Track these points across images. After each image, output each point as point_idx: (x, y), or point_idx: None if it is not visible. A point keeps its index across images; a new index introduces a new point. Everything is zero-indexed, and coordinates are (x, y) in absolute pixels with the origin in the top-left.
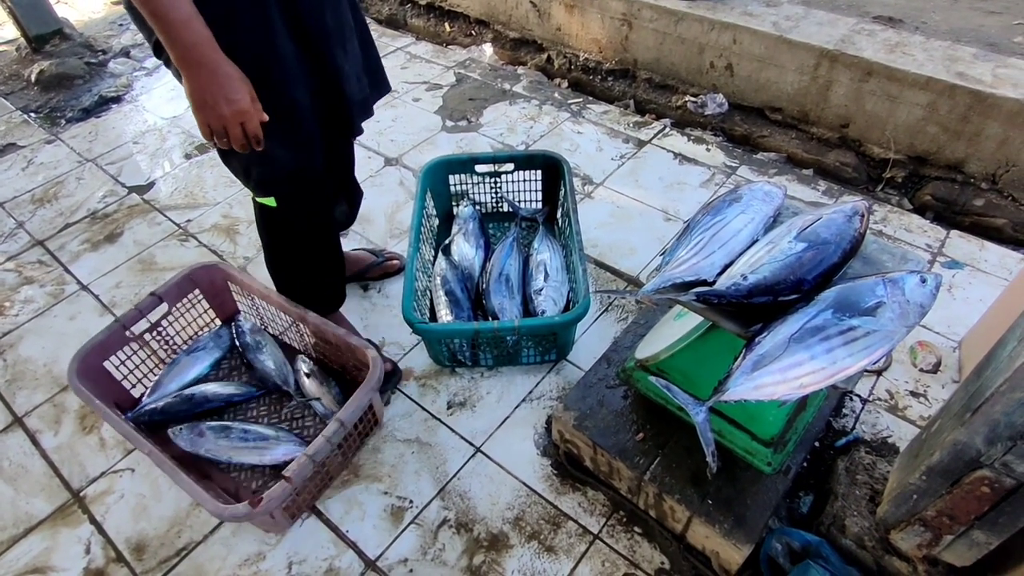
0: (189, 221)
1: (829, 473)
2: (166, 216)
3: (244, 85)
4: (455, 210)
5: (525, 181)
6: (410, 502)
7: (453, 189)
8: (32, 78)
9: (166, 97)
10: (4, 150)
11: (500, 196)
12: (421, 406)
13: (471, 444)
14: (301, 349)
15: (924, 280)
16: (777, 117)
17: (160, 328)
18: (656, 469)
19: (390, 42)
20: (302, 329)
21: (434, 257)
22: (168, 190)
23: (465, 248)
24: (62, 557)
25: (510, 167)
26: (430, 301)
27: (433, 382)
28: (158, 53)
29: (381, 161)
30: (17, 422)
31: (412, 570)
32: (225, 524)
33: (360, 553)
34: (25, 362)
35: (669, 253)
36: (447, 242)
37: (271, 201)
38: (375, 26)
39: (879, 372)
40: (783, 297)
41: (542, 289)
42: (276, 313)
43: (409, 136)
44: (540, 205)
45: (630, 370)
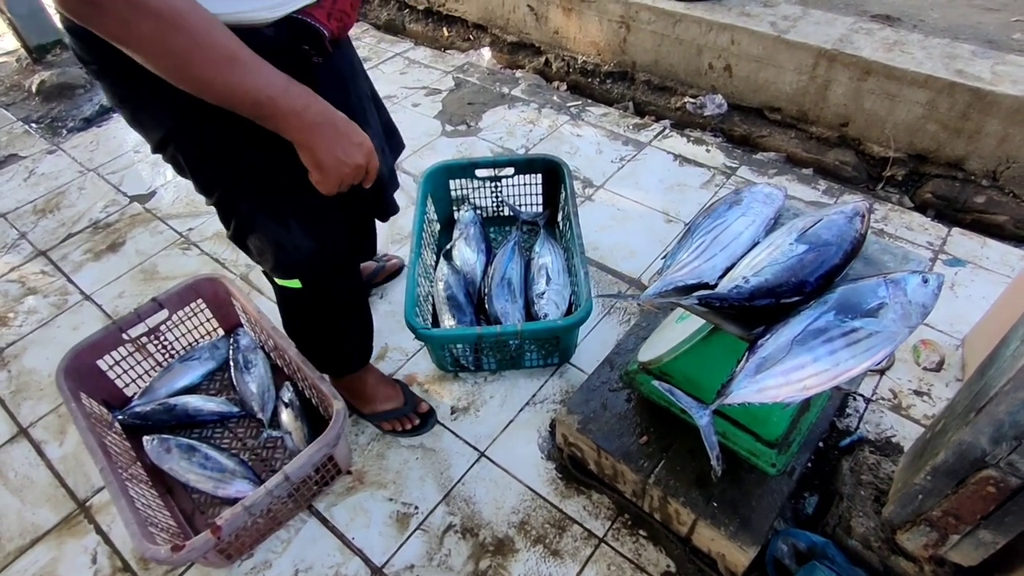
0: (191, 230)
1: (834, 474)
2: (168, 225)
3: (352, 122)
4: (456, 215)
5: (525, 185)
6: (415, 508)
7: (454, 194)
8: (33, 88)
9: None
10: (5, 161)
11: (501, 200)
12: None
13: (475, 449)
14: (289, 375)
15: (926, 280)
16: (776, 117)
17: (159, 333)
18: (660, 472)
19: (389, 47)
20: (287, 358)
21: (436, 262)
22: (169, 199)
23: (467, 253)
24: (68, 567)
25: (510, 171)
26: (432, 306)
27: (436, 387)
28: (163, 148)
29: None
30: (22, 433)
31: None
32: None
33: (366, 560)
34: (29, 373)
35: (670, 256)
36: (448, 247)
37: (295, 283)
38: (373, 32)
39: (882, 371)
40: (785, 299)
41: (544, 293)
42: (268, 335)
43: (409, 141)
44: (541, 208)
45: (633, 373)
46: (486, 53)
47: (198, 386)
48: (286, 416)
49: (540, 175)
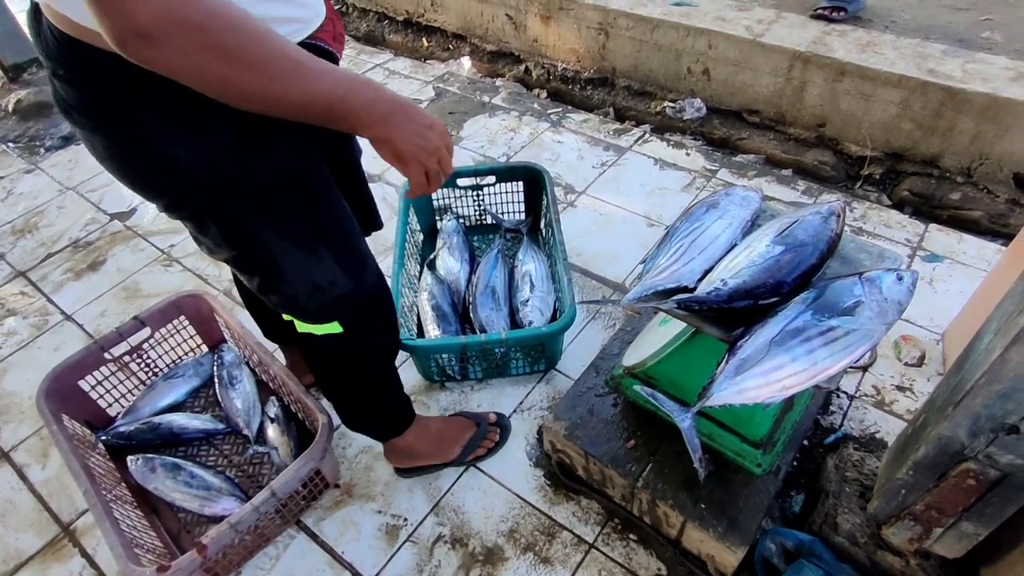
0: (173, 246)
1: (819, 471)
2: (149, 242)
3: (414, 103)
4: (439, 224)
5: (507, 193)
6: (404, 520)
7: (436, 204)
8: (10, 108)
9: None
10: None
11: (483, 209)
12: None
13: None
14: (275, 389)
15: (900, 277)
16: (755, 119)
17: (141, 351)
18: (648, 475)
19: (369, 59)
20: (272, 372)
21: (419, 272)
22: (151, 215)
23: (450, 262)
24: None
25: (492, 180)
26: (417, 317)
27: (424, 398)
28: (178, 207)
29: None
30: (4, 457)
31: None
32: None
33: (356, 574)
34: (10, 395)
35: (649, 260)
36: (432, 257)
37: (335, 327)
38: (353, 43)
39: (865, 368)
40: (763, 300)
41: (528, 300)
42: (253, 351)
43: None
44: (523, 216)
45: (618, 378)
46: (466, 62)
47: (183, 404)
48: (272, 431)
49: (522, 183)
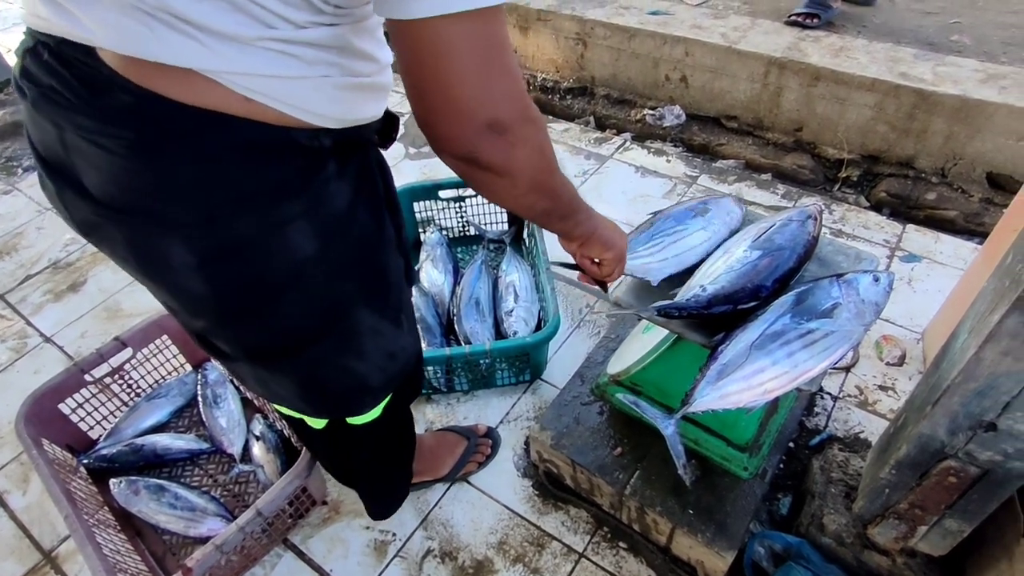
0: None
1: (805, 473)
2: None
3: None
4: (422, 237)
5: (490, 204)
6: (393, 535)
7: (419, 216)
8: None
9: None
10: None
11: (466, 220)
12: None
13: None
14: (260, 407)
15: (877, 279)
16: (733, 125)
17: (123, 372)
18: (636, 483)
19: None
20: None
21: None
22: None
23: (434, 274)
24: None
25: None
26: None
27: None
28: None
29: None
30: None
31: None
32: None
33: None
34: None
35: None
36: (415, 269)
37: (376, 412)
38: None
39: (848, 369)
40: (743, 305)
41: (513, 310)
42: None
43: None
44: (506, 226)
45: (604, 386)
46: None
47: (166, 424)
48: (258, 449)
49: None
